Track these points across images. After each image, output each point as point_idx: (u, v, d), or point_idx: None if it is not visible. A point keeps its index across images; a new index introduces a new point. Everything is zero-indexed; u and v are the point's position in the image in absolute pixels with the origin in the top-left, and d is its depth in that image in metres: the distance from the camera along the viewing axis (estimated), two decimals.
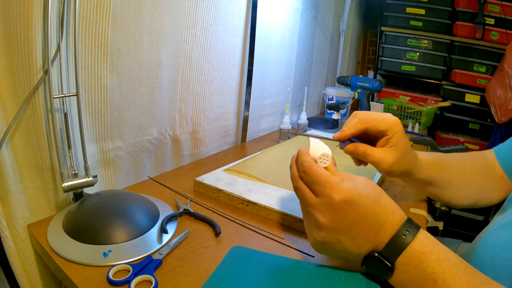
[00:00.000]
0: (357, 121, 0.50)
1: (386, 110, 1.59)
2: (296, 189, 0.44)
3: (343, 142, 0.52)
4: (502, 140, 1.40)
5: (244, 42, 0.96)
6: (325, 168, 0.43)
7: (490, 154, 0.64)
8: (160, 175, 0.76)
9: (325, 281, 0.44)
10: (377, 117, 0.50)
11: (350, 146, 0.52)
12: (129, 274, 0.43)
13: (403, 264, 0.38)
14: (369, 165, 0.55)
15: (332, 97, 1.46)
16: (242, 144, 1.07)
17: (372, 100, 1.56)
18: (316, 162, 0.43)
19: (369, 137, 0.52)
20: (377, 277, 0.41)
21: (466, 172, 0.62)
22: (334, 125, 1.32)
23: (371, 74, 2.10)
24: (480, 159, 0.64)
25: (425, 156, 0.59)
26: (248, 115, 1.05)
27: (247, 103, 1.03)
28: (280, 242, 0.54)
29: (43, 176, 0.56)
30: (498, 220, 0.52)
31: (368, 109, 1.30)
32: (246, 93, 1.02)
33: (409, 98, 1.71)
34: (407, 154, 0.52)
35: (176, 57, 0.77)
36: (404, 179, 0.60)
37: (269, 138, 1.14)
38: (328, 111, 1.43)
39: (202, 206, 0.63)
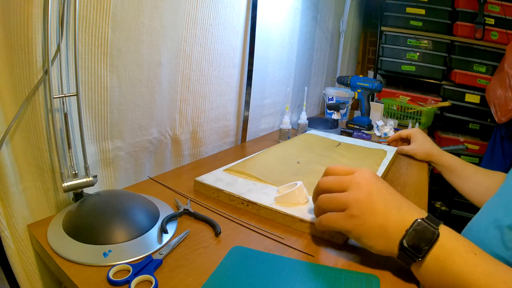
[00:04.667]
0: (397, 134, 1.08)
1: (386, 110, 1.59)
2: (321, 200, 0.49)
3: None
4: (502, 140, 1.40)
5: (244, 42, 0.97)
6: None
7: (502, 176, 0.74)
8: (160, 175, 0.76)
9: (325, 281, 0.44)
10: (405, 130, 1.06)
11: (394, 143, 1.08)
12: (129, 274, 0.43)
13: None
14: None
15: (332, 97, 1.46)
16: (242, 144, 1.07)
17: (372, 100, 1.56)
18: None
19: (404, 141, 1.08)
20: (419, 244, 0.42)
21: (483, 172, 0.81)
22: (334, 125, 1.32)
23: (371, 74, 2.10)
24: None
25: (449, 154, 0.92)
26: (248, 115, 1.05)
27: (247, 103, 1.04)
28: (280, 242, 0.54)
29: (43, 176, 0.56)
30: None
31: (368, 109, 1.30)
32: (246, 93, 1.02)
33: (409, 98, 1.71)
34: (424, 144, 0.98)
35: (176, 57, 0.77)
36: (434, 164, 0.95)
37: (269, 138, 1.14)
38: (328, 111, 1.43)
39: (202, 206, 0.63)
